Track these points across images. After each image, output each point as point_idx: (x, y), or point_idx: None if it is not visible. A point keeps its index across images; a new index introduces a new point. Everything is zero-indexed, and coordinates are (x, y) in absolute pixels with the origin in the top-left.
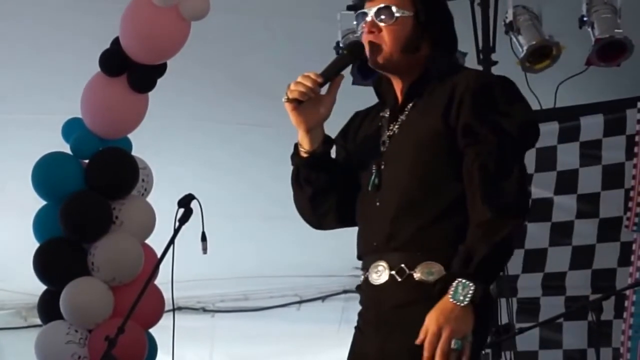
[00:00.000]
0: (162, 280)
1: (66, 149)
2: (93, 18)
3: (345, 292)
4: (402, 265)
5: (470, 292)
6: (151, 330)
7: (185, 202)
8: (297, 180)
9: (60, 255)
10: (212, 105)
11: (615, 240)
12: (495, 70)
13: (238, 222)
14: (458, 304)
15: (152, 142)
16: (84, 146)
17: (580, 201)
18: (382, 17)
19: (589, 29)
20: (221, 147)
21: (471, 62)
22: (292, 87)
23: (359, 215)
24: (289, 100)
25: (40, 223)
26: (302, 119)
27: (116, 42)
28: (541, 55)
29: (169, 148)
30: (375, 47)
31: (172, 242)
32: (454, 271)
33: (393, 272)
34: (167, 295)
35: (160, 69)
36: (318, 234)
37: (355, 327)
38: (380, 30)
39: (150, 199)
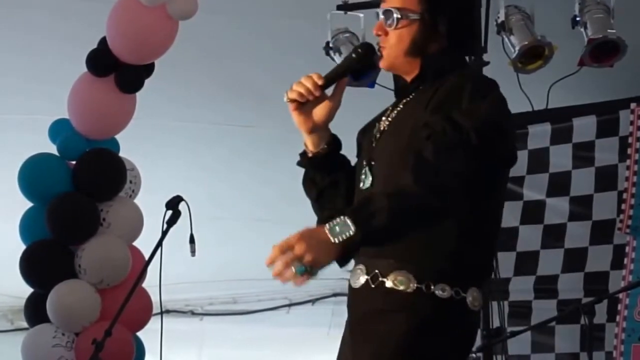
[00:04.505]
0: (150, 283)
1: (53, 150)
2: (79, 19)
3: (335, 295)
4: (377, 271)
5: (347, 234)
6: (139, 334)
7: (173, 204)
8: (305, 182)
9: (47, 258)
10: (199, 106)
11: (608, 243)
12: (487, 71)
13: (227, 225)
14: (331, 238)
15: (139, 143)
16: (71, 147)
17: (573, 203)
18: (388, 21)
19: (582, 29)
20: (209, 149)
21: None
22: (294, 87)
23: None
24: (288, 100)
25: (27, 225)
26: (302, 120)
27: (103, 41)
28: (533, 55)
29: (157, 149)
30: (381, 50)
31: (160, 244)
32: (347, 209)
33: (368, 277)
34: (155, 298)
35: (148, 69)
36: None
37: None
38: (386, 33)
39: (138, 200)
